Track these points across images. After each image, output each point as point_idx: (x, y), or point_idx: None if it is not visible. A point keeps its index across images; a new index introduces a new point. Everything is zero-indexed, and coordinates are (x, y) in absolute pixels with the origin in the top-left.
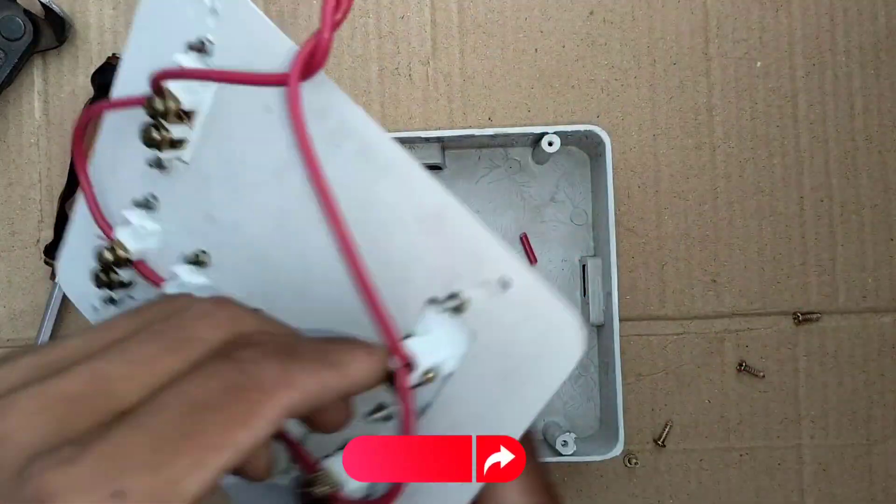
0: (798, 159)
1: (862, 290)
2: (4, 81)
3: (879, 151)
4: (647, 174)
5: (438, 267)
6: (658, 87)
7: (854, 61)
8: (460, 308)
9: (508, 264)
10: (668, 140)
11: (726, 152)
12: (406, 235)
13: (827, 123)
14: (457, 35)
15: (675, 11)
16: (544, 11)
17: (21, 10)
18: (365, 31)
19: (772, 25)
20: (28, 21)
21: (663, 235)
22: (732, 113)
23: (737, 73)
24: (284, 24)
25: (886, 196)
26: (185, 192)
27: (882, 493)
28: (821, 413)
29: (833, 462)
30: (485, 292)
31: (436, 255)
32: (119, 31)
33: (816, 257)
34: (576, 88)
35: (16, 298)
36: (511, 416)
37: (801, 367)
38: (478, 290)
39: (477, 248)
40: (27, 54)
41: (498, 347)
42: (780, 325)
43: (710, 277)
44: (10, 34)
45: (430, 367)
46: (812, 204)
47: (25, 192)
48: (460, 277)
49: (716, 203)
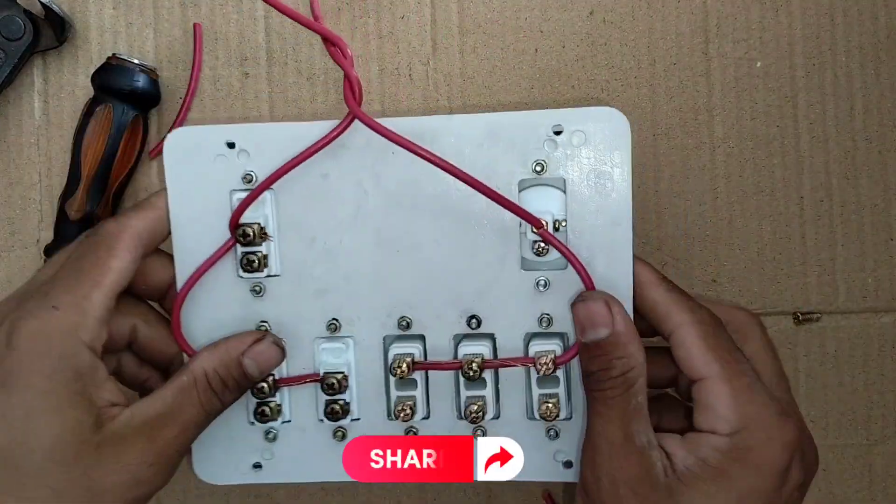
0: (798, 159)
1: (862, 290)
2: (4, 81)
3: (879, 151)
4: (646, 174)
5: (513, 155)
6: (658, 87)
7: (854, 61)
8: (543, 169)
9: (547, 116)
10: (668, 140)
11: (726, 152)
12: (484, 155)
13: (827, 123)
14: (457, 35)
15: (675, 11)
16: (544, 11)
17: (21, 10)
18: (365, 31)
19: (772, 25)
20: (28, 21)
21: (663, 235)
22: (732, 113)
23: (737, 73)
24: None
25: (886, 196)
26: (289, 292)
27: (882, 493)
28: (821, 413)
29: (833, 462)
30: (550, 145)
31: (507, 151)
32: (119, 31)
33: (816, 257)
34: (576, 88)
35: None
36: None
37: (801, 367)
38: (544, 148)
39: (524, 122)
40: (27, 54)
41: (577, 172)
42: (780, 325)
43: (710, 277)
44: (10, 34)
45: (556, 217)
46: (812, 204)
47: (25, 192)
48: (529, 150)
49: (716, 203)
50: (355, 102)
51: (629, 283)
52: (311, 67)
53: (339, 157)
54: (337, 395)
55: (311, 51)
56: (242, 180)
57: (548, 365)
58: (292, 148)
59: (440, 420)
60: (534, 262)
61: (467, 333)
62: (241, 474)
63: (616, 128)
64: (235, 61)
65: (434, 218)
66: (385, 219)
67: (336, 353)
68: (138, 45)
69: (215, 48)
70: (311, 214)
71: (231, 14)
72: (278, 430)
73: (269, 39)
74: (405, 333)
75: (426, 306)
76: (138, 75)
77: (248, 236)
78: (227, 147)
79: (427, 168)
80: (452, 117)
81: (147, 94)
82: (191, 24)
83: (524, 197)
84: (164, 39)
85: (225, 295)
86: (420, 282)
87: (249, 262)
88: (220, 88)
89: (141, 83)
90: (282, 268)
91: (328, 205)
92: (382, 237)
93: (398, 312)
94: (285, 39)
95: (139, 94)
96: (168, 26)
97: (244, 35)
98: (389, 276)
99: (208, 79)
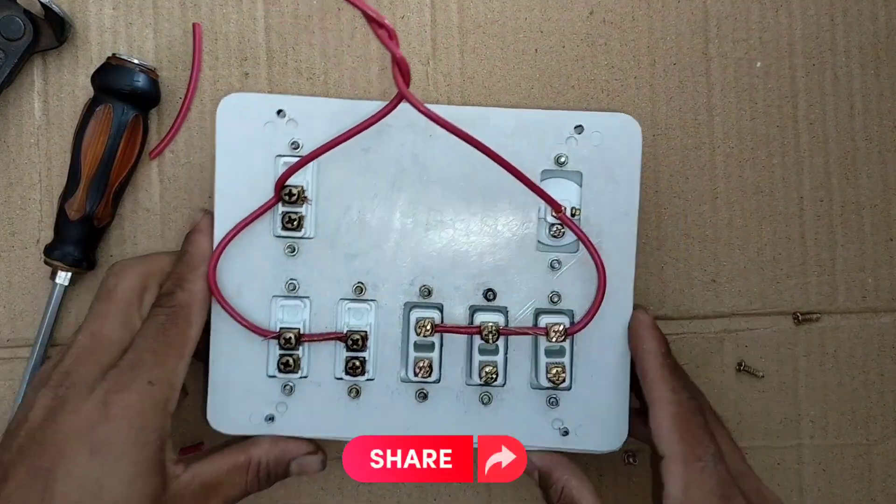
0: (798, 159)
1: (862, 290)
2: (4, 81)
3: (879, 151)
4: (646, 174)
5: (537, 148)
6: (658, 87)
7: (854, 61)
8: (564, 162)
9: (570, 116)
10: (667, 140)
11: (726, 152)
12: (513, 145)
13: (827, 123)
14: (457, 35)
15: (675, 11)
16: (544, 11)
17: (21, 9)
18: (365, 31)
19: (772, 25)
20: (28, 21)
21: (663, 235)
22: (732, 113)
23: (737, 73)
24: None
25: (886, 196)
26: (320, 254)
27: (882, 494)
28: (820, 413)
29: (833, 462)
30: (571, 142)
31: (532, 144)
32: (119, 31)
33: (816, 257)
34: (576, 88)
35: (16, 298)
36: (624, 203)
37: (800, 367)
38: (566, 144)
39: (550, 119)
40: (27, 54)
41: (593, 167)
42: (779, 325)
43: (710, 277)
44: (9, 34)
45: (573, 205)
46: (812, 204)
47: (25, 192)
48: (553, 145)
49: (715, 203)
50: (404, 84)
51: (632, 264)
52: (311, 67)
53: (381, 135)
54: (358, 352)
55: (311, 51)
56: (289, 146)
57: (559, 333)
58: (338, 122)
59: (450, 384)
60: (548, 244)
61: (482, 305)
62: (254, 426)
63: (630, 132)
64: (235, 61)
65: (462, 198)
66: (417, 195)
67: (359, 315)
68: (138, 45)
69: (215, 48)
70: (349, 184)
71: (231, 14)
72: (295, 384)
73: (269, 39)
74: (425, 301)
75: (447, 277)
76: (138, 75)
77: (291, 196)
78: (277, 115)
79: (460, 152)
80: (486, 109)
81: (147, 94)
82: (191, 24)
83: (544, 186)
84: (164, 39)
85: (260, 252)
86: (444, 255)
87: (290, 220)
88: (220, 88)
89: (141, 83)
90: (316, 231)
91: (366, 177)
92: (413, 211)
93: (420, 281)
94: (285, 39)
95: (139, 94)
96: (168, 26)
97: (244, 35)
98: (416, 248)
99: (208, 79)
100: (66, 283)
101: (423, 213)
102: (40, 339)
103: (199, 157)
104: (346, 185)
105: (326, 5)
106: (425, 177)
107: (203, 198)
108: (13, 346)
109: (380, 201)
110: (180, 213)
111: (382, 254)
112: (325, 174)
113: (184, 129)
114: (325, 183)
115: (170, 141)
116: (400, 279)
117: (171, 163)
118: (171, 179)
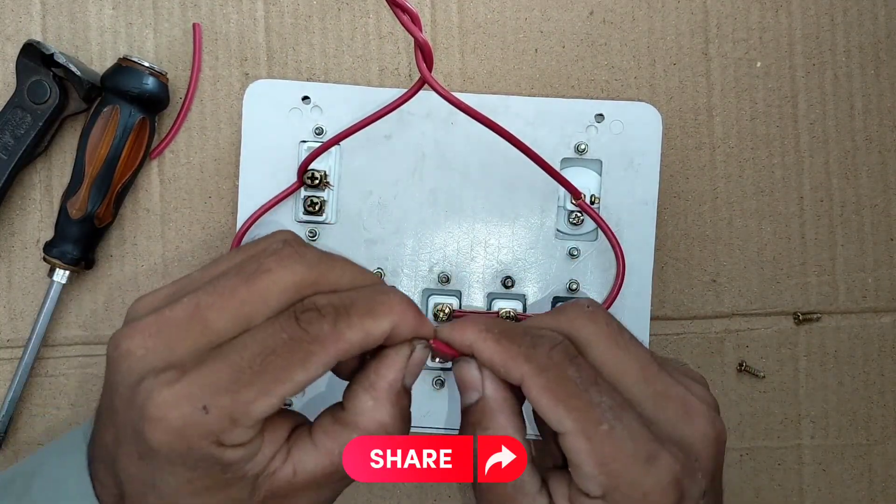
0: (798, 159)
1: (862, 290)
2: (31, 143)
3: (879, 151)
4: None
5: (557, 136)
6: (658, 87)
7: (854, 61)
8: (584, 150)
9: (591, 105)
10: (667, 140)
11: (726, 152)
12: (534, 133)
13: (827, 123)
14: (457, 35)
15: (675, 12)
16: (544, 11)
17: (50, 74)
18: (365, 31)
19: (772, 25)
20: (55, 85)
21: (663, 235)
22: (732, 113)
23: (737, 73)
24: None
25: (886, 196)
26: (340, 239)
27: (882, 494)
28: (821, 413)
29: (833, 462)
30: (591, 130)
31: (553, 132)
32: (119, 31)
33: (816, 257)
34: (576, 88)
35: (16, 298)
36: (643, 191)
37: (801, 367)
38: (586, 132)
39: (570, 108)
40: (54, 117)
41: (613, 156)
42: (780, 325)
43: (710, 277)
44: (35, 98)
45: (592, 193)
46: (812, 204)
47: (25, 193)
48: (573, 133)
49: (715, 203)
50: (427, 69)
51: (650, 253)
52: (312, 67)
53: (403, 122)
54: None
55: (311, 51)
56: (313, 132)
57: None
58: (361, 108)
59: None
60: (567, 232)
61: (501, 293)
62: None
63: (650, 121)
64: (235, 61)
65: (482, 186)
66: (438, 182)
67: None
68: (138, 45)
69: (215, 48)
70: (370, 170)
71: (231, 14)
72: None
73: (269, 39)
74: (444, 287)
75: (466, 264)
76: (147, 78)
77: (314, 180)
78: (302, 101)
79: (481, 140)
80: (507, 98)
81: (155, 97)
82: (191, 24)
83: (564, 174)
84: (163, 39)
85: None
86: (463, 242)
87: (312, 204)
88: (220, 88)
89: (150, 86)
90: (337, 216)
91: (387, 163)
92: (433, 198)
93: (439, 268)
94: (285, 39)
95: (147, 97)
96: (168, 26)
97: (244, 35)
98: (435, 234)
99: (208, 79)
100: (63, 281)
101: (442, 200)
102: (34, 337)
103: (199, 157)
104: (368, 171)
105: (326, 5)
106: (446, 164)
107: (203, 198)
108: (13, 346)
109: (401, 188)
110: (180, 213)
111: (402, 240)
112: (347, 160)
113: (184, 129)
114: (348, 169)
115: (170, 141)
116: (419, 265)
117: (171, 163)
118: (171, 179)
